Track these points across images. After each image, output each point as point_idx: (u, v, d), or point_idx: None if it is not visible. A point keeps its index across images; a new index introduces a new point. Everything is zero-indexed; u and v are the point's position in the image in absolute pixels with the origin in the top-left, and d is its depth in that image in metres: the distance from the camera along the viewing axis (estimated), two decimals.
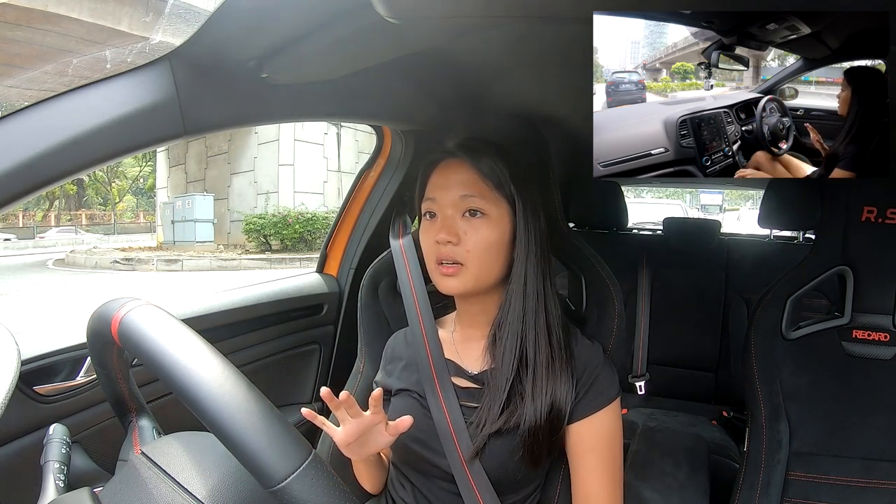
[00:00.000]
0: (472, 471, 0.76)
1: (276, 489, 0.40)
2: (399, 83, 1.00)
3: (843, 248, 1.05)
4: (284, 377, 1.37)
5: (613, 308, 0.89)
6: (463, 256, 0.75)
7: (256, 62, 0.73)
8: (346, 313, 1.44)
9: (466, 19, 0.64)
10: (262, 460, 0.41)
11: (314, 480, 0.41)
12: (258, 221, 10.46)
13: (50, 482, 0.56)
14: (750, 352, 1.09)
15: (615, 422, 0.79)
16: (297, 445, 0.42)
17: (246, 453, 0.41)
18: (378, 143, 1.36)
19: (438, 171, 0.79)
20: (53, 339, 0.91)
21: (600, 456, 0.77)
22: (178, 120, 0.69)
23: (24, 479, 0.68)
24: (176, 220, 12.36)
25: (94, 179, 25.96)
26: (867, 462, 1.02)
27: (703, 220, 2.21)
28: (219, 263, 9.90)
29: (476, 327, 0.83)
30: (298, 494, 0.40)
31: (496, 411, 0.75)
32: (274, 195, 11.25)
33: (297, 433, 0.43)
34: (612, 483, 0.78)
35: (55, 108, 0.61)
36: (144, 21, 7.48)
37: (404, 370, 0.87)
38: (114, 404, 0.63)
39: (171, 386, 0.44)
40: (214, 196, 12.31)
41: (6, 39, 6.28)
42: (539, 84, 1.05)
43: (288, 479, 0.40)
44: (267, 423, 0.42)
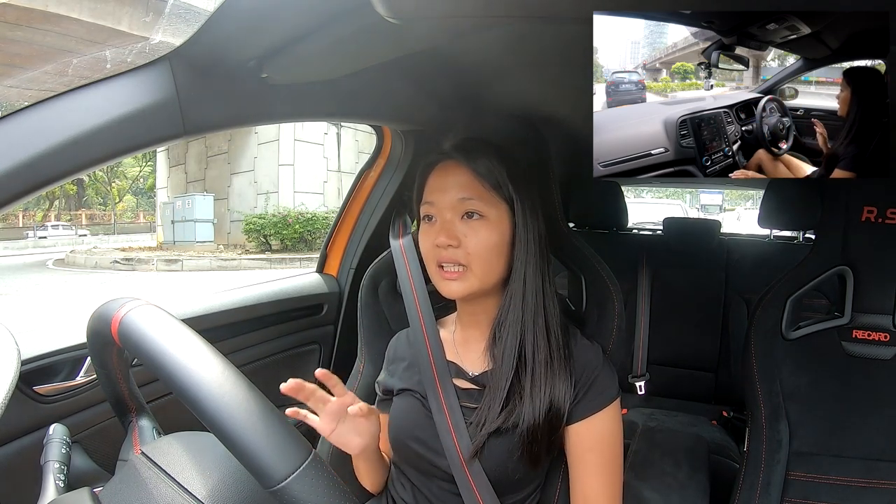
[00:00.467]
0: (472, 470, 0.76)
1: (276, 489, 0.40)
2: (399, 83, 1.00)
3: (843, 248, 1.05)
4: (284, 377, 1.36)
5: (613, 308, 0.89)
6: (464, 258, 0.75)
7: (256, 62, 0.73)
8: (346, 313, 1.44)
9: (466, 19, 0.64)
10: (262, 460, 0.41)
11: (314, 480, 0.41)
12: (258, 221, 10.48)
13: (50, 482, 0.56)
14: (750, 352, 1.09)
15: (615, 422, 0.79)
16: (297, 445, 0.42)
17: (246, 453, 0.41)
18: (378, 143, 1.36)
19: (435, 174, 0.79)
20: (53, 339, 0.91)
21: (600, 456, 0.77)
22: (177, 120, 0.69)
23: (24, 478, 0.68)
24: (176, 220, 12.37)
25: (94, 179, 25.97)
26: (867, 462, 1.02)
27: (703, 220, 2.21)
28: (219, 263, 9.92)
29: (476, 328, 0.83)
30: (298, 494, 0.40)
31: (496, 411, 0.75)
32: (274, 195, 11.27)
33: (297, 433, 0.43)
34: (611, 483, 0.78)
35: (55, 108, 0.61)
36: (144, 21, 7.48)
37: (406, 370, 0.87)
38: (114, 404, 0.63)
39: (171, 386, 0.44)
40: (214, 196, 12.32)
41: (6, 39, 6.29)
42: (539, 84, 1.05)
43: (288, 479, 0.40)
44: (267, 423, 0.42)
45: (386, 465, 0.90)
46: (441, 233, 0.76)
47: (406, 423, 0.83)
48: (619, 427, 0.80)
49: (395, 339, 0.93)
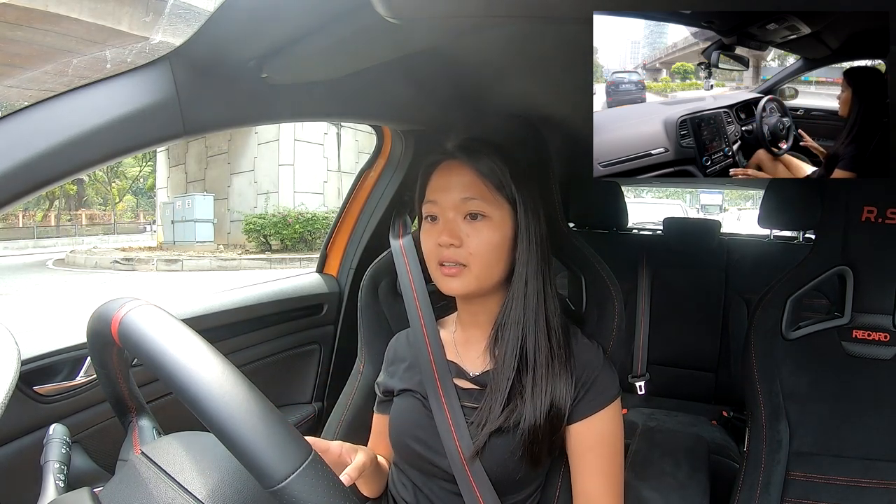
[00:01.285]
0: (473, 470, 0.76)
1: (276, 489, 0.40)
2: (399, 83, 1.00)
3: (843, 248, 1.05)
4: (284, 377, 1.37)
5: (613, 308, 0.89)
6: (465, 258, 0.75)
7: (256, 62, 0.73)
8: (346, 313, 1.44)
9: (466, 19, 0.64)
10: (261, 460, 0.41)
11: (314, 480, 0.41)
12: (258, 221, 10.49)
13: (50, 482, 0.56)
14: (750, 352, 1.09)
15: (615, 422, 0.79)
16: (297, 445, 0.42)
17: (246, 453, 0.41)
18: (378, 143, 1.36)
19: (438, 173, 0.79)
20: (54, 339, 0.91)
21: (600, 455, 0.77)
22: (177, 120, 0.69)
23: (24, 478, 0.68)
24: (176, 220, 12.38)
25: (94, 179, 25.98)
26: (867, 462, 1.02)
27: (703, 220, 2.21)
28: (219, 263, 9.92)
29: (477, 327, 0.83)
30: (299, 494, 0.40)
31: (497, 411, 0.75)
32: (274, 195, 11.28)
33: (297, 433, 0.43)
34: (612, 483, 0.78)
35: (55, 108, 0.61)
36: (144, 21, 7.47)
37: (407, 371, 0.87)
38: (114, 404, 0.63)
39: (171, 386, 0.44)
40: (214, 196, 12.34)
41: (6, 39, 6.28)
42: (539, 84, 1.05)
43: (288, 478, 0.40)
44: (267, 423, 0.42)
45: (384, 473, 0.90)
46: (444, 232, 0.76)
47: (407, 423, 0.83)
48: (620, 427, 0.80)
49: (395, 340, 0.93)
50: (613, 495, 0.78)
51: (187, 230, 12.12)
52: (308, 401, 1.42)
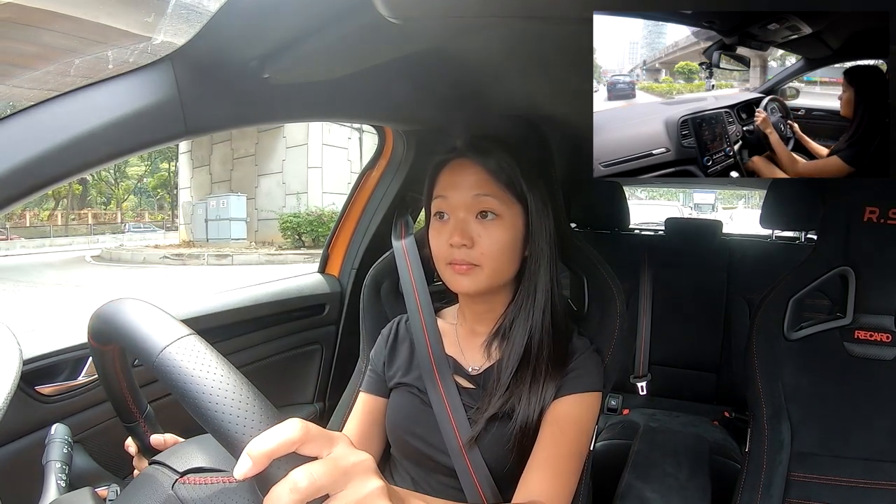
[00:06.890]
0: (471, 458, 0.76)
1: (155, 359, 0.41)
2: (400, 83, 1.00)
3: (844, 248, 1.05)
4: (286, 377, 1.37)
5: (615, 308, 0.89)
6: (477, 259, 0.75)
7: (258, 62, 0.73)
8: (347, 313, 1.44)
9: (466, 19, 0.64)
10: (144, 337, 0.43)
11: (192, 349, 0.42)
12: (293, 220, 11.42)
13: (51, 482, 0.56)
14: (751, 352, 1.09)
15: (587, 412, 0.77)
16: (179, 327, 0.44)
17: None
18: (379, 143, 1.36)
19: (448, 171, 0.79)
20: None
21: (558, 432, 0.74)
22: (179, 120, 0.69)
23: (25, 478, 0.68)
24: (210, 218, 13.24)
25: (99, 179, 26.07)
26: (869, 463, 1.01)
27: (704, 220, 2.21)
28: (267, 258, 10.63)
29: (481, 324, 0.84)
30: (175, 359, 0.41)
31: (496, 402, 0.76)
32: (304, 196, 12.11)
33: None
34: (558, 459, 0.73)
35: (57, 107, 0.62)
36: (146, 21, 7.48)
37: (404, 365, 0.87)
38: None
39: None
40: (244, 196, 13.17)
41: (8, 38, 6.29)
42: (539, 84, 1.05)
43: (165, 348, 0.42)
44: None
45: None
46: (455, 232, 0.75)
47: (404, 418, 0.83)
48: (589, 418, 0.77)
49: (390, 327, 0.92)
50: (556, 472, 0.72)
51: (222, 228, 12.97)
52: (309, 401, 1.42)
